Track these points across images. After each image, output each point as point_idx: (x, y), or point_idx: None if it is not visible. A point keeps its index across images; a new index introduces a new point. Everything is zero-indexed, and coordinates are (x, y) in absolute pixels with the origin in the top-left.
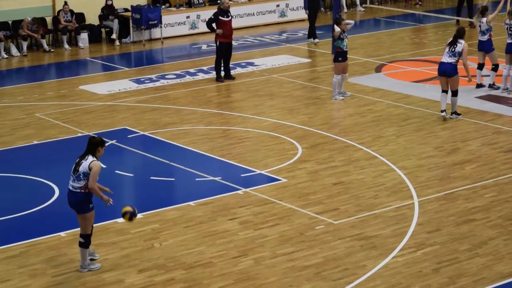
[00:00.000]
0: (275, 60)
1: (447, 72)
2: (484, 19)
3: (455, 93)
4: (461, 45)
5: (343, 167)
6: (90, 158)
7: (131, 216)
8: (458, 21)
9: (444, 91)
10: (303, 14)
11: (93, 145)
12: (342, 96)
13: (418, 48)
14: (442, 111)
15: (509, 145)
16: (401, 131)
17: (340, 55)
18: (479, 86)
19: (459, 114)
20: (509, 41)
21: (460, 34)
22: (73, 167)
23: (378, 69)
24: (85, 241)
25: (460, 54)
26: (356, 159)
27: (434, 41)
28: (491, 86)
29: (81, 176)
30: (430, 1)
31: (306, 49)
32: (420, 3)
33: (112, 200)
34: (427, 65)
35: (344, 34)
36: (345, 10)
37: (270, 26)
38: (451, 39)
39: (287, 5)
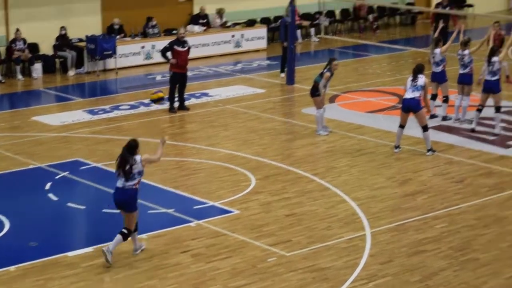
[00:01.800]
0: (229, 91)
1: (412, 108)
2: (437, 50)
3: (425, 128)
4: (422, 79)
5: (296, 198)
6: (137, 158)
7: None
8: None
9: (402, 126)
10: (258, 45)
11: (135, 147)
12: (326, 131)
13: (372, 78)
14: (396, 147)
15: (461, 175)
16: (354, 162)
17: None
18: (432, 116)
19: (434, 151)
20: (461, 71)
21: (419, 69)
22: (122, 172)
23: (332, 99)
24: (128, 234)
25: (423, 87)
26: (309, 190)
27: (387, 72)
28: (445, 118)
29: (136, 176)
30: (384, 31)
31: (261, 79)
32: (378, 30)
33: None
34: (380, 95)
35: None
36: (300, 40)
37: (225, 57)
38: (411, 75)
39: (242, 36)
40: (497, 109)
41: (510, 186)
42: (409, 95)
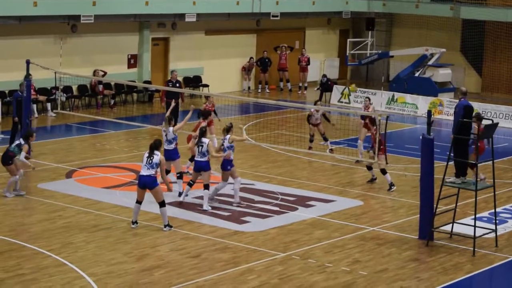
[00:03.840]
0: None
1: (147, 185)
2: (170, 128)
3: (162, 204)
4: (158, 156)
5: (31, 275)
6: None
7: None
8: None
9: (139, 202)
10: None
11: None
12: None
13: (109, 154)
14: (133, 223)
15: (197, 250)
16: (91, 237)
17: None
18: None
19: (171, 226)
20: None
21: (156, 145)
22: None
23: (69, 174)
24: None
25: (158, 165)
26: (45, 266)
27: (125, 148)
28: (180, 194)
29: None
30: (122, 108)
31: None
32: (115, 107)
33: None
34: (117, 171)
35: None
36: (36, 115)
37: None
38: (148, 151)
39: None
40: (205, 186)
41: (245, 260)
42: (145, 172)
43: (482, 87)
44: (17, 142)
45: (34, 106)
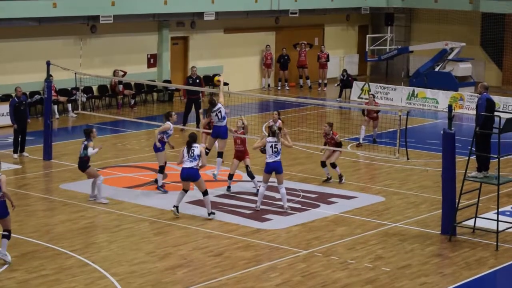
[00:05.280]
0: None
1: (191, 177)
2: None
3: (205, 193)
4: (198, 148)
5: (54, 275)
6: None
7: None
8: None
9: (185, 191)
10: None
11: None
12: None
13: (130, 154)
14: (175, 206)
15: (219, 248)
16: (113, 237)
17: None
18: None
19: (214, 213)
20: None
21: (193, 139)
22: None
23: None
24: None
25: (199, 156)
26: (68, 266)
27: (146, 147)
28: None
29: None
30: (142, 108)
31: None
32: (135, 107)
33: None
34: (139, 170)
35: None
36: (57, 116)
37: None
38: (185, 146)
39: None
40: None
41: (267, 258)
42: (187, 164)
43: (503, 80)
44: (83, 145)
45: (55, 107)
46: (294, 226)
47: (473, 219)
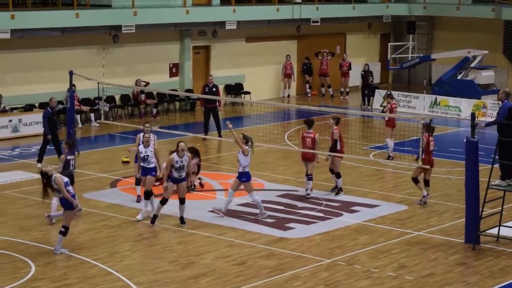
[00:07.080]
0: (7, 176)
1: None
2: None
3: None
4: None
5: (78, 284)
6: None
7: None
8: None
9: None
10: (36, 130)
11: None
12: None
13: None
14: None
15: (242, 257)
16: (136, 246)
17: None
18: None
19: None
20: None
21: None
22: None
23: (114, 184)
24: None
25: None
26: (91, 275)
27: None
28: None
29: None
30: (164, 117)
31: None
32: (157, 116)
33: None
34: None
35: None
36: (80, 125)
37: (2, 142)
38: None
39: (20, 120)
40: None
41: (290, 267)
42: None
43: None
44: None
45: (78, 116)
46: (316, 235)
47: (497, 227)
